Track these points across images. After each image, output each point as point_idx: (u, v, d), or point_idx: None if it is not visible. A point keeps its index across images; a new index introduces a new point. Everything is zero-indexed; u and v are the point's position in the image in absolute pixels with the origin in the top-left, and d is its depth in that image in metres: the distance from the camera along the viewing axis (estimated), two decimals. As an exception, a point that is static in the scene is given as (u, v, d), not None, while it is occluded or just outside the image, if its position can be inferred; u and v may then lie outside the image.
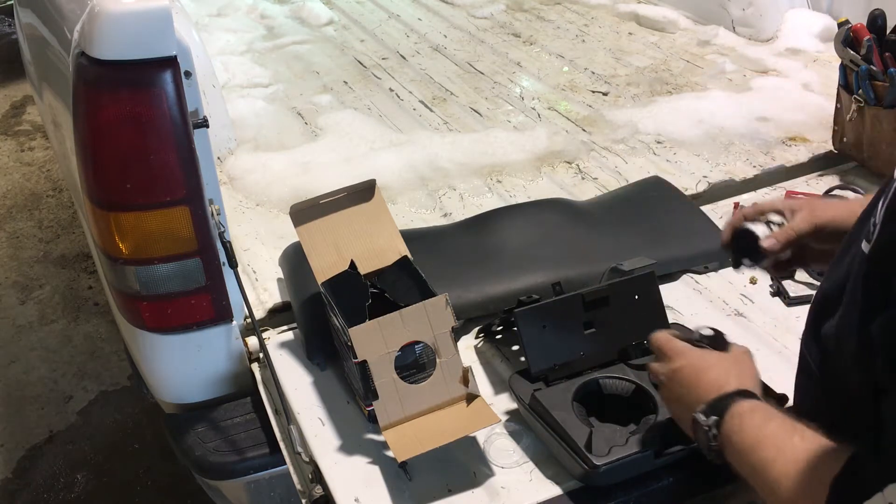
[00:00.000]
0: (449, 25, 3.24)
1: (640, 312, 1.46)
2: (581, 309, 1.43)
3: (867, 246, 0.84)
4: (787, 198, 1.31)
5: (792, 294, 1.63)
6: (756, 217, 1.32)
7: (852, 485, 0.78)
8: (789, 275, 1.58)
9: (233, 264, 1.52)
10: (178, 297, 1.52)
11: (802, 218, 1.25)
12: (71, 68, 1.42)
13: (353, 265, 1.50)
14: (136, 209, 1.43)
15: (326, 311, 1.49)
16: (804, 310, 1.09)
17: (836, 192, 1.86)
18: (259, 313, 1.71)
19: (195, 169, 1.43)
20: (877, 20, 2.05)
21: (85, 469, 2.61)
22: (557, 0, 3.39)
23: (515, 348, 1.56)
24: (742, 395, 1.03)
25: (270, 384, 1.57)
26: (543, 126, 2.43)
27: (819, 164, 2.14)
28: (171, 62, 1.37)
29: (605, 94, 2.63)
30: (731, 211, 1.94)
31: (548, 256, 1.71)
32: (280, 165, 2.24)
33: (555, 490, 1.29)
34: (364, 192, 1.56)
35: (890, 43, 2.00)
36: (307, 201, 1.53)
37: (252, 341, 1.63)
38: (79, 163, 1.45)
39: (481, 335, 1.61)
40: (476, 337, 1.61)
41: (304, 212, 1.53)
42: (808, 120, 2.35)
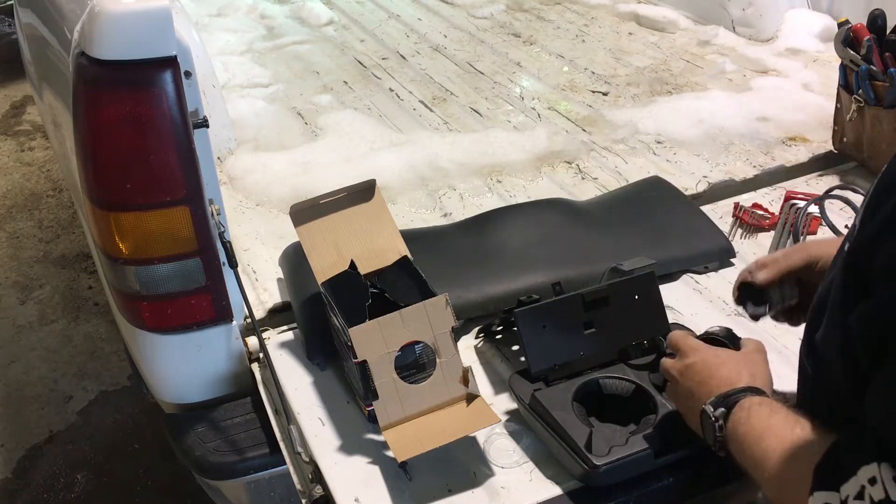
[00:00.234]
0: (449, 25, 3.24)
1: (640, 312, 1.46)
2: (581, 309, 1.43)
3: (848, 246, 0.86)
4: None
5: None
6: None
7: (831, 469, 0.80)
8: (801, 321, 1.54)
9: (233, 264, 1.52)
10: (178, 297, 1.52)
11: (795, 251, 1.27)
12: (71, 68, 1.42)
13: (353, 265, 1.50)
14: (136, 209, 1.43)
15: (326, 311, 1.49)
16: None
17: (836, 192, 1.86)
18: (259, 313, 1.71)
19: (195, 169, 1.43)
20: (877, 20, 2.05)
21: (85, 469, 2.61)
22: (557, 0, 3.39)
23: (515, 348, 1.56)
24: (752, 391, 1.05)
25: (270, 384, 1.57)
26: (543, 126, 2.43)
27: (819, 164, 2.15)
28: (171, 62, 1.37)
29: (605, 94, 2.63)
30: (732, 211, 1.95)
31: (548, 256, 1.71)
32: (280, 165, 2.24)
33: (555, 490, 1.29)
34: (364, 192, 1.56)
35: (890, 43, 2.00)
36: (307, 201, 1.53)
37: (252, 341, 1.63)
38: (79, 163, 1.45)
39: (481, 335, 1.61)
40: (476, 337, 1.61)
41: (304, 212, 1.53)
42: (808, 120, 2.35)
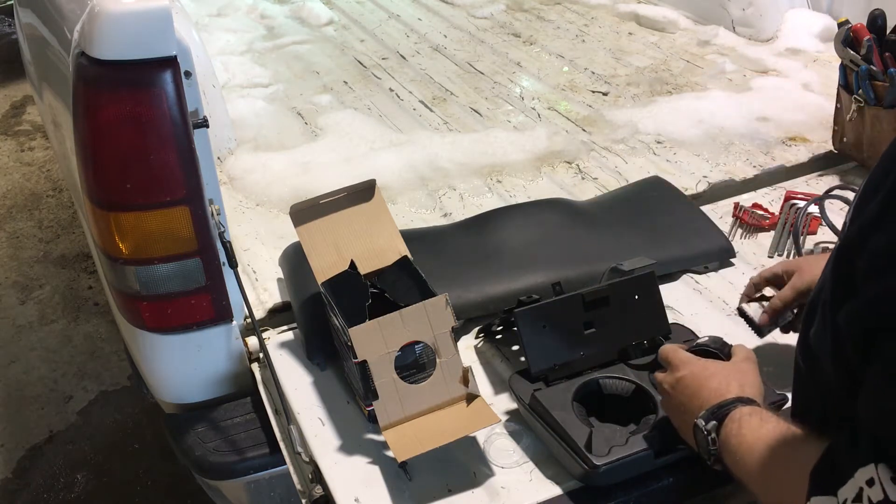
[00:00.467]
0: (449, 25, 3.24)
1: (640, 312, 1.46)
2: (581, 309, 1.43)
3: (836, 245, 0.86)
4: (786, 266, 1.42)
5: None
6: (752, 294, 1.45)
7: (828, 473, 0.80)
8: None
9: (233, 264, 1.52)
10: (178, 297, 1.52)
11: (788, 286, 1.37)
12: (71, 68, 1.42)
13: (353, 265, 1.50)
14: (136, 209, 1.43)
15: (326, 311, 1.49)
16: (803, 310, 1.10)
17: (836, 192, 1.86)
18: (259, 313, 1.71)
19: (195, 169, 1.43)
20: (877, 20, 2.05)
21: (85, 469, 2.61)
22: (557, 0, 3.39)
23: (515, 348, 1.56)
24: (741, 402, 1.05)
25: (270, 384, 1.57)
26: (543, 126, 2.43)
27: (819, 164, 2.15)
28: (171, 62, 1.37)
29: (605, 94, 2.63)
30: (732, 211, 1.95)
31: (548, 256, 1.71)
32: (280, 165, 2.24)
33: (555, 490, 1.29)
34: (364, 192, 1.56)
35: (890, 43, 2.00)
36: (307, 201, 1.53)
37: (252, 341, 1.63)
38: (79, 163, 1.45)
39: (481, 335, 1.61)
40: (476, 337, 1.61)
41: (304, 212, 1.53)
42: (808, 120, 2.35)
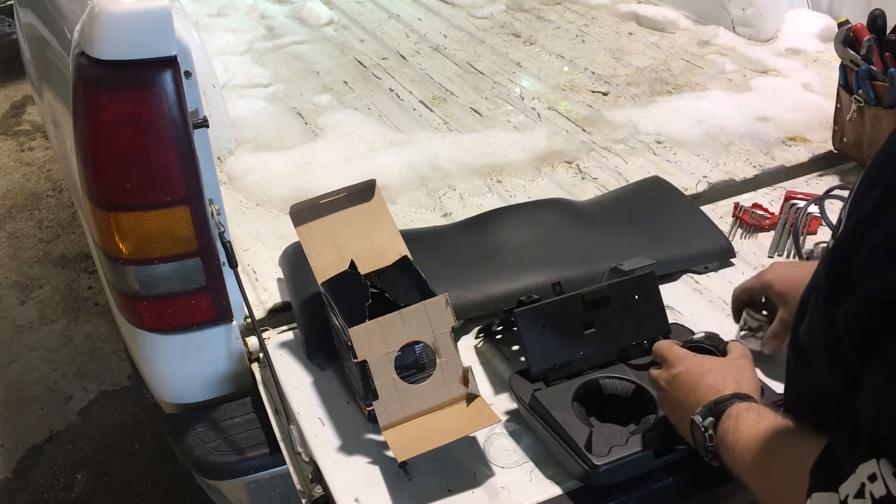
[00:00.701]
0: (449, 25, 3.24)
1: (640, 312, 1.46)
2: (581, 309, 1.43)
3: (832, 243, 0.86)
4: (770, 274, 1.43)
5: None
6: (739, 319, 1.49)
7: (829, 469, 0.79)
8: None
9: (233, 264, 1.52)
10: (178, 297, 1.52)
11: (787, 314, 1.37)
12: (71, 68, 1.42)
13: (353, 265, 1.50)
14: (136, 209, 1.43)
15: (326, 311, 1.49)
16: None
17: (836, 192, 1.86)
18: (259, 313, 1.71)
19: (195, 169, 1.43)
20: (877, 20, 2.05)
21: (85, 469, 2.61)
22: (557, 0, 3.39)
23: (515, 348, 1.56)
24: (738, 398, 1.05)
25: (270, 384, 1.57)
26: (543, 126, 2.43)
27: (819, 164, 2.15)
28: (171, 62, 1.37)
29: (605, 94, 2.63)
30: (732, 211, 1.95)
31: (548, 256, 1.71)
32: (280, 165, 2.24)
33: (555, 490, 1.29)
34: (364, 192, 1.56)
35: (890, 43, 2.00)
36: (307, 201, 1.53)
37: (252, 341, 1.63)
38: (79, 163, 1.45)
39: (481, 335, 1.61)
40: (476, 337, 1.61)
41: (304, 212, 1.53)
42: (808, 120, 2.35)
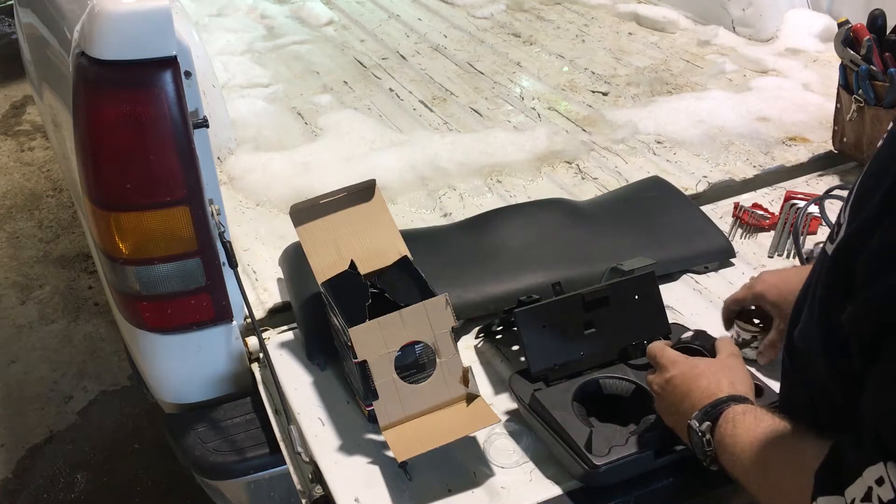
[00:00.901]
0: (449, 25, 3.24)
1: (640, 312, 1.46)
2: (581, 309, 1.43)
3: (831, 247, 0.85)
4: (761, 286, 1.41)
5: None
6: (730, 328, 1.48)
7: (835, 472, 0.79)
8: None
9: (233, 264, 1.52)
10: (178, 297, 1.52)
11: (783, 323, 1.34)
12: (71, 68, 1.42)
13: (353, 265, 1.50)
14: (136, 209, 1.43)
15: (326, 311, 1.49)
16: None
17: (836, 192, 1.86)
18: (259, 313, 1.71)
19: (195, 169, 1.43)
20: (877, 20, 2.05)
21: (85, 469, 2.61)
22: (557, 0, 3.39)
23: (515, 348, 1.56)
24: (734, 400, 1.05)
25: (270, 384, 1.57)
26: (543, 126, 2.43)
27: (819, 164, 2.15)
28: (171, 62, 1.37)
29: (605, 94, 2.63)
30: (731, 211, 1.95)
31: (548, 256, 1.71)
32: (280, 165, 2.23)
33: (555, 490, 1.29)
34: (364, 192, 1.56)
35: (890, 43, 2.00)
36: (307, 201, 1.53)
37: (252, 341, 1.63)
38: (79, 163, 1.45)
39: (481, 335, 1.61)
40: (476, 337, 1.61)
41: (304, 212, 1.53)
42: (808, 120, 2.35)
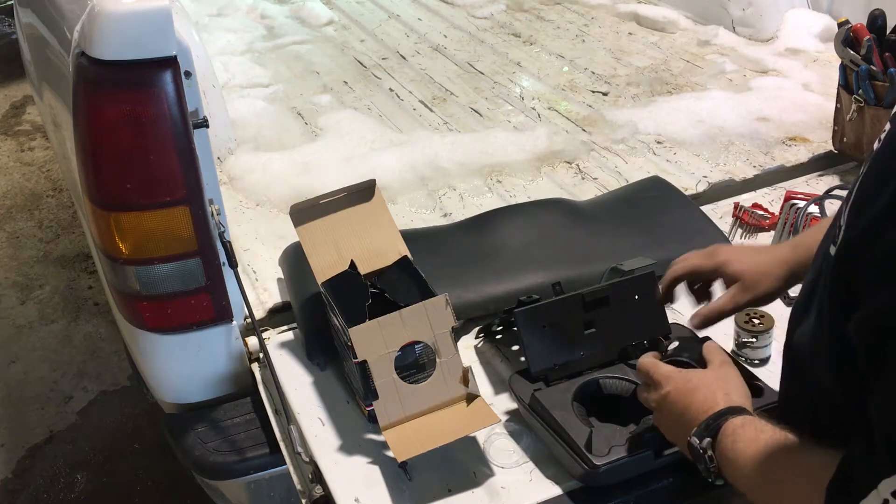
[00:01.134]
0: (449, 25, 3.24)
1: (640, 312, 1.46)
2: (581, 309, 1.43)
3: (834, 249, 0.83)
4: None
5: (792, 294, 1.63)
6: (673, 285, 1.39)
7: (847, 485, 0.78)
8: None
9: (233, 264, 1.52)
10: (178, 297, 1.52)
11: (740, 294, 1.29)
12: (71, 68, 1.42)
13: (353, 265, 1.50)
14: (136, 209, 1.43)
15: (326, 311, 1.49)
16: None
17: (836, 192, 1.86)
18: (259, 313, 1.71)
19: (195, 169, 1.43)
20: (877, 20, 2.05)
21: (85, 469, 2.61)
22: (557, 0, 3.39)
23: (515, 348, 1.56)
24: (732, 412, 1.03)
25: (270, 384, 1.57)
26: (543, 126, 2.43)
27: (819, 164, 2.15)
28: (171, 62, 1.37)
29: (605, 94, 2.63)
30: (731, 211, 1.95)
31: (548, 256, 1.71)
32: (280, 165, 2.24)
33: (555, 490, 1.29)
34: (364, 192, 1.56)
35: (890, 43, 2.00)
36: (307, 201, 1.53)
37: (252, 341, 1.63)
38: (79, 163, 1.45)
39: (481, 335, 1.61)
40: (476, 337, 1.61)
41: (304, 212, 1.53)
42: (808, 120, 2.35)
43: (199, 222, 1.46)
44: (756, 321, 1.47)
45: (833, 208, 1.84)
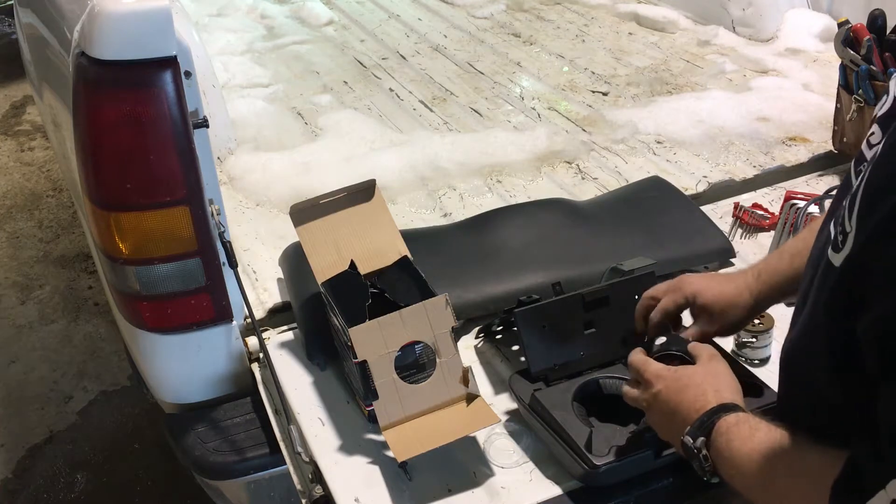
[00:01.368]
0: (449, 25, 3.24)
1: (640, 312, 1.45)
2: (581, 309, 1.43)
3: (836, 255, 0.81)
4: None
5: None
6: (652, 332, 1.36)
7: (854, 486, 0.77)
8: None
9: (233, 264, 1.52)
10: (178, 297, 1.52)
11: (707, 325, 1.30)
12: (71, 68, 1.42)
13: (353, 265, 1.50)
14: (136, 209, 1.43)
15: (326, 311, 1.49)
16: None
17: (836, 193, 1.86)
18: (259, 313, 1.71)
19: (195, 169, 1.43)
20: (877, 20, 2.05)
21: (85, 469, 2.61)
22: (557, 0, 3.39)
23: (515, 348, 1.56)
24: (724, 410, 1.02)
25: (270, 384, 1.57)
26: (543, 126, 2.43)
27: (819, 164, 2.15)
28: (171, 62, 1.37)
29: (605, 94, 2.63)
30: (731, 211, 1.95)
31: (548, 256, 1.71)
32: (280, 165, 2.24)
33: (555, 490, 1.29)
34: (364, 192, 1.56)
35: (890, 43, 2.00)
36: (307, 201, 1.53)
37: (252, 341, 1.63)
38: (79, 163, 1.45)
39: (481, 335, 1.61)
40: (476, 337, 1.61)
41: (304, 212, 1.53)
42: (808, 120, 2.35)
43: (199, 222, 1.47)
44: (756, 321, 1.46)
45: (833, 208, 1.84)
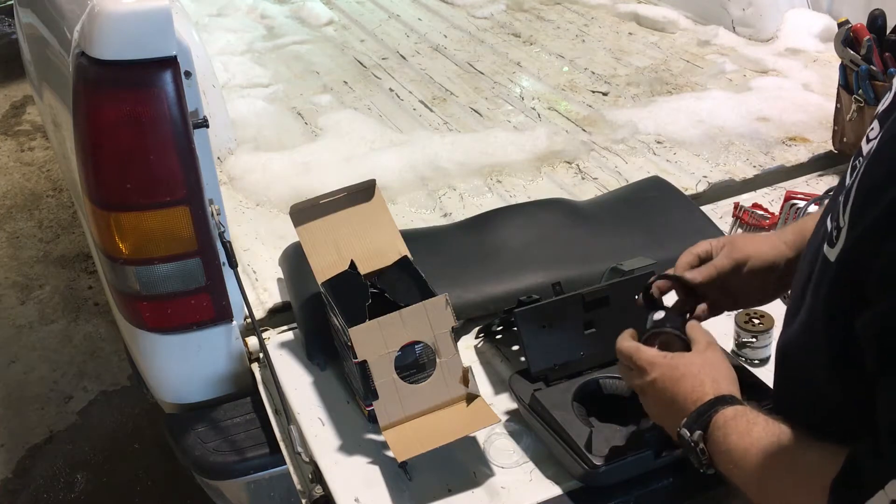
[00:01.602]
0: (449, 25, 3.24)
1: (641, 312, 1.45)
2: (581, 309, 1.43)
3: (831, 251, 0.81)
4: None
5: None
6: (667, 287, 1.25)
7: (853, 484, 0.77)
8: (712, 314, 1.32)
9: (233, 264, 1.52)
10: (178, 297, 1.52)
11: (723, 255, 1.20)
12: (71, 68, 1.42)
13: (353, 265, 1.50)
14: (136, 209, 1.44)
15: (326, 311, 1.49)
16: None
17: (836, 192, 1.86)
18: (259, 313, 1.71)
19: (195, 169, 1.43)
20: (877, 20, 2.05)
21: (85, 469, 2.61)
22: (557, 0, 3.39)
23: (515, 348, 1.56)
24: (721, 402, 1.01)
25: (270, 384, 1.57)
26: (543, 126, 2.43)
27: (819, 164, 2.15)
28: (171, 62, 1.37)
29: (605, 94, 2.63)
30: (732, 211, 1.95)
31: (548, 256, 1.71)
32: (280, 165, 2.24)
33: (555, 490, 1.29)
34: (364, 192, 1.56)
35: (890, 43, 2.00)
36: (307, 201, 1.53)
37: (252, 341, 1.63)
38: (79, 163, 1.45)
39: (481, 335, 1.61)
40: (476, 337, 1.61)
41: (304, 212, 1.53)
42: (808, 120, 2.35)
43: (199, 222, 1.47)
44: (756, 321, 1.47)
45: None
